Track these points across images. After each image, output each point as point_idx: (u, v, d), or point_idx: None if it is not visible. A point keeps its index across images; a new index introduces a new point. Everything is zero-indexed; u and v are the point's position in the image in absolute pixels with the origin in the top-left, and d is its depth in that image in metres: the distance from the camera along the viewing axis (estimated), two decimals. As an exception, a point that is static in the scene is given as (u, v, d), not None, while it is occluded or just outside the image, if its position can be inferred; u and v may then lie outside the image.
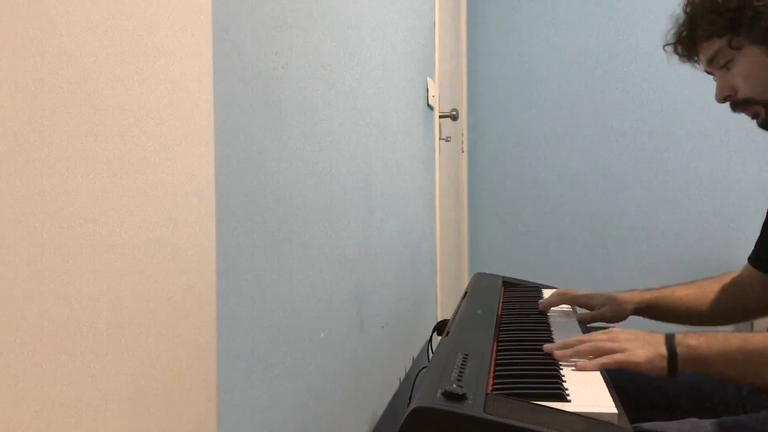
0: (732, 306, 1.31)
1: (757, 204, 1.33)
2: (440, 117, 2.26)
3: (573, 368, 0.96)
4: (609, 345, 0.97)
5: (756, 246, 1.32)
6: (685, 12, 1.15)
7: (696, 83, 3.14)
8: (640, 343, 0.97)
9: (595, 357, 0.97)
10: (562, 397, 0.83)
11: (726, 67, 1.12)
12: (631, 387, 1.19)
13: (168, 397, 0.60)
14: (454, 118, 2.36)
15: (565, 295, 1.39)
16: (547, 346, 1.01)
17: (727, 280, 1.34)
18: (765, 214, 1.27)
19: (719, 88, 1.14)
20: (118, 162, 0.53)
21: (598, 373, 0.95)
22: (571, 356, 0.98)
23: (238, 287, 0.76)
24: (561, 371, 0.94)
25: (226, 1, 0.72)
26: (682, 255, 3.12)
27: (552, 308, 1.36)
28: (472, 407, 0.74)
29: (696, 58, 1.18)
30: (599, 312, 1.35)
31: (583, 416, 0.77)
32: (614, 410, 0.79)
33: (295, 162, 0.94)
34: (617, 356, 0.95)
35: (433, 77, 2.13)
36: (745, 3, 1.05)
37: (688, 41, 1.16)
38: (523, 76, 3.35)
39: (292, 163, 0.92)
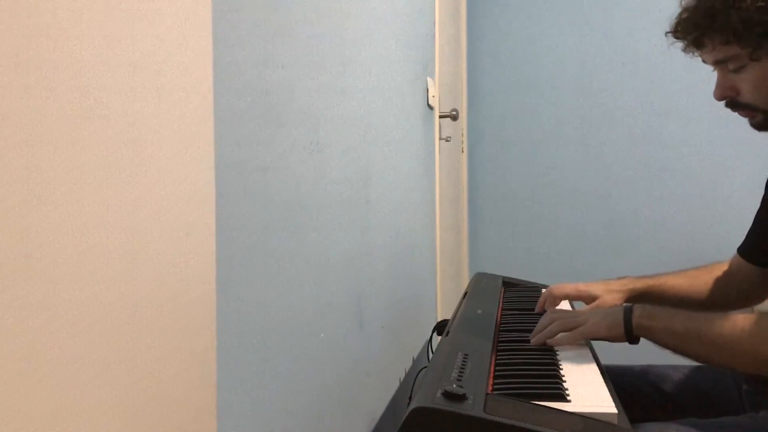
0: (720, 295, 1.32)
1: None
2: (440, 117, 2.25)
3: (571, 365, 0.97)
4: (572, 320, 1.08)
5: (746, 237, 1.33)
6: (701, 7, 1.07)
7: (697, 85, 3.15)
8: (600, 315, 1.08)
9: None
10: (562, 397, 0.83)
11: (734, 70, 1.09)
12: (631, 387, 1.19)
13: (168, 398, 0.60)
14: (454, 118, 2.36)
15: (561, 294, 1.37)
16: (533, 339, 1.10)
17: (715, 269, 1.36)
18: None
19: (721, 88, 1.11)
20: (120, 168, 0.53)
21: (598, 372, 0.95)
22: (545, 339, 1.08)
23: (238, 289, 0.76)
24: (561, 371, 0.94)
25: (225, 8, 0.72)
26: (684, 254, 3.12)
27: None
28: (472, 407, 0.74)
29: (697, 52, 1.12)
30: (596, 304, 1.32)
31: (583, 416, 0.77)
32: (614, 410, 0.80)
33: (294, 163, 0.94)
34: (581, 329, 1.07)
35: (433, 77, 2.13)
36: None
37: (699, 37, 1.09)
38: (524, 76, 3.35)
39: (290, 165, 0.93)
